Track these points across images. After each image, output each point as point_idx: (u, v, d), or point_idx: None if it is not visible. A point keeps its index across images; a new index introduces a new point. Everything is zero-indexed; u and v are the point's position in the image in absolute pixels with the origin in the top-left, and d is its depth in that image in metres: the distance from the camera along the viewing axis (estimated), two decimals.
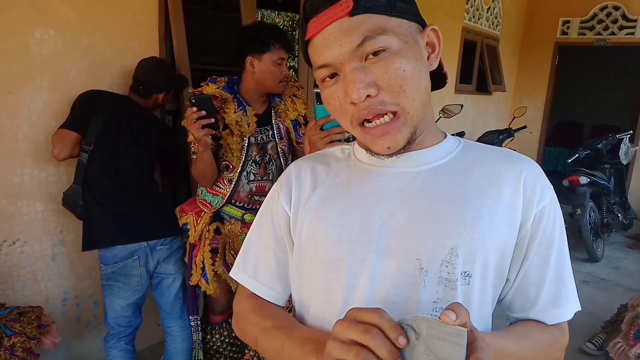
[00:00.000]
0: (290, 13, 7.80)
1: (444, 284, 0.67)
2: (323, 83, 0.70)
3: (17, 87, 1.89)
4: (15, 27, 1.84)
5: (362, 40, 0.63)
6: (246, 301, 0.84)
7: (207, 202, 1.96)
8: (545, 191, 0.72)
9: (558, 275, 0.73)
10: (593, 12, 5.51)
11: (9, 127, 1.89)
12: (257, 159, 1.92)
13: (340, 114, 0.70)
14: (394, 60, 0.64)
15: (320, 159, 0.84)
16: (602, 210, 4.54)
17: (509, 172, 0.72)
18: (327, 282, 0.73)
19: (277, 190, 0.84)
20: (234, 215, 1.97)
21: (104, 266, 1.94)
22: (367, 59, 0.64)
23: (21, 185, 1.97)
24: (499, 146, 3.91)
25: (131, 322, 2.02)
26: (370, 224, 0.71)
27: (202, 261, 1.96)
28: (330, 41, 0.65)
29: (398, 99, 0.65)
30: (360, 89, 0.63)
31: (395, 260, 0.68)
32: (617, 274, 4.04)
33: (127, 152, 1.94)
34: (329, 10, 0.65)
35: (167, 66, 2.14)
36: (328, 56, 0.66)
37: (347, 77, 0.65)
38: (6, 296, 1.98)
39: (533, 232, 0.71)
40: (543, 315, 0.74)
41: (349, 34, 0.64)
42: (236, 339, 2.19)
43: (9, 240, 1.98)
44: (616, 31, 5.43)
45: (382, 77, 0.64)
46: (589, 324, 3.01)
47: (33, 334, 1.72)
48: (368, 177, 0.75)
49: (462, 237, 0.67)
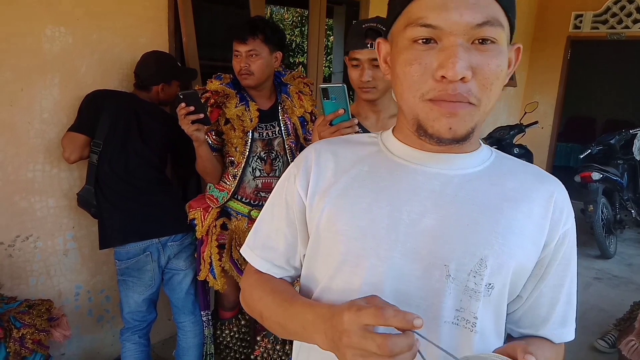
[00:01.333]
0: (299, 9, 7.79)
1: (469, 294, 0.67)
2: (412, 43, 0.63)
3: (28, 84, 1.90)
4: (26, 24, 1.86)
5: (484, 22, 0.59)
6: (251, 277, 0.83)
7: (214, 197, 1.97)
8: (569, 215, 0.73)
9: (568, 296, 0.75)
10: (606, 5, 5.42)
11: (21, 124, 1.91)
12: (263, 155, 1.91)
13: (414, 84, 0.63)
14: (498, 56, 0.62)
15: (344, 145, 0.80)
16: (615, 206, 4.48)
17: (541, 191, 0.72)
18: (345, 275, 0.71)
19: (294, 173, 0.79)
20: (241, 211, 1.97)
21: (118, 262, 1.96)
22: (474, 42, 0.61)
23: (33, 181, 1.99)
24: (510, 142, 3.89)
25: (145, 317, 2.05)
26: (398, 223, 0.68)
27: (210, 256, 1.97)
28: (451, 7, 0.59)
29: (482, 94, 0.62)
30: (460, 68, 0.59)
31: (421, 263, 0.67)
32: (630, 270, 3.99)
33: (135, 150, 1.95)
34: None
35: (163, 57, 2.12)
36: (440, 19, 0.59)
37: (451, 50, 0.60)
38: (20, 290, 2.01)
39: (554, 254, 0.72)
40: (551, 334, 0.76)
41: (474, 8, 0.59)
42: (246, 334, 2.21)
43: (22, 235, 2.00)
44: (630, 25, 5.33)
45: (481, 67, 0.61)
46: (600, 321, 2.98)
47: (43, 327, 1.74)
48: (401, 173, 0.72)
49: (493, 248, 0.66)
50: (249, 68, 1.80)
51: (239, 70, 1.82)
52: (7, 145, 1.90)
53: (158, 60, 2.07)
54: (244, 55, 1.80)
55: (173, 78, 2.10)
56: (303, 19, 8.15)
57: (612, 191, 4.43)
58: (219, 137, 1.88)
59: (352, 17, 4.80)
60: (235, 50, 1.82)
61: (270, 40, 1.81)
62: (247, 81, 1.83)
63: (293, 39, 8.38)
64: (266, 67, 1.83)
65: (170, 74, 2.09)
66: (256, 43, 1.79)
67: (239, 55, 1.81)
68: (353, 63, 1.47)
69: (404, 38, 0.64)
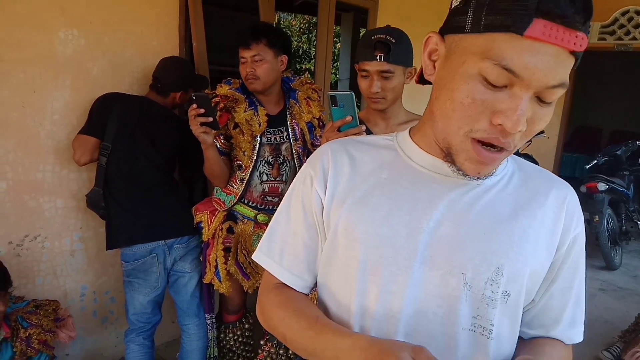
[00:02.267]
0: (307, 16, 7.83)
1: (485, 302, 0.67)
2: (482, 79, 0.59)
3: (41, 86, 1.93)
4: (40, 27, 1.88)
5: (559, 84, 0.58)
6: (271, 293, 0.79)
7: (221, 200, 1.98)
8: (580, 219, 0.75)
9: (577, 298, 0.77)
10: (614, 16, 5.42)
11: (32, 125, 1.94)
12: (270, 159, 1.93)
13: (465, 117, 0.61)
14: (550, 113, 0.62)
15: (357, 146, 0.79)
16: (621, 217, 4.47)
17: (554, 197, 0.73)
18: (362, 283, 0.71)
19: (311, 175, 0.77)
20: (247, 214, 1.98)
21: (124, 263, 1.98)
22: (542, 97, 0.59)
23: (43, 181, 2.01)
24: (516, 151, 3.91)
25: (150, 318, 2.06)
26: (418, 231, 0.68)
27: (215, 259, 1.98)
28: (540, 61, 0.55)
29: (521, 142, 0.63)
30: (520, 123, 0.58)
31: (439, 271, 0.67)
32: (635, 282, 3.97)
33: (143, 152, 1.97)
34: (564, 31, 0.55)
35: (186, 66, 2.17)
36: (528, 70, 0.56)
37: (519, 103, 0.57)
38: (27, 290, 2.02)
39: (565, 257, 0.74)
40: (562, 336, 0.77)
41: (558, 70, 0.57)
42: (249, 338, 2.21)
43: (31, 235, 2.02)
44: (638, 36, 5.33)
45: (532, 122, 0.61)
46: (605, 333, 2.96)
47: (49, 327, 1.76)
48: (421, 181, 0.72)
49: (509, 257, 0.67)
50: (255, 73, 1.82)
51: (245, 75, 1.84)
52: (18, 145, 1.92)
53: (182, 68, 2.11)
54: (249, 61, 1.82)
55: (191, 86, 2.14)
56: (311, 25, 8.20)
57: (618, 202, 4.42)
58: (227, 141, 1.89)
59: (359, 24, 4.84)
60: (241, 56, 1.85)
61: (274, 44, 1.83)
62: (253, 85, 1.85)
63: (301, 45, 8.42)
64: (272, 71, 1.85)
65: (190, 82, 2.13)
66: (260, 47, 1.81)
67: (245, 61, 1.84)
68: (362, 74, 1.49)
69: (475, 66, 0.59)
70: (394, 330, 0.69)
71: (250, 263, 2.00)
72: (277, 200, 1.98)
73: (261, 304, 0.81)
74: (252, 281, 2.02)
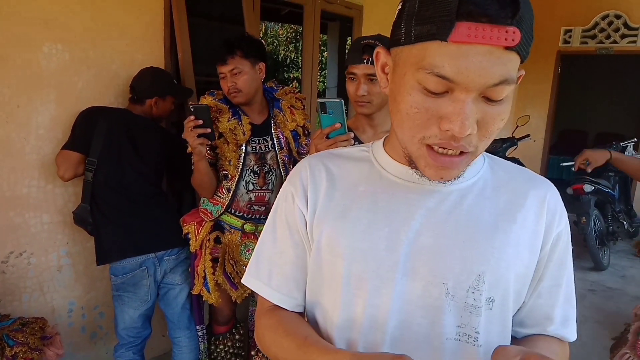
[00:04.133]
0: (293, 25, 7.88)
1: (469, 310, 0.68)
2: (422, 88, 0.59)
3: (25, 100, 1.92)
4: (24, 41, 1.87)
5: (501, 81, 0.56)
6: (264, 316, 0.79)
7: (208, 211, 1.98)
8: (562, 216, 0.74)
9: (567, 296, 0.76)
10: (595, 21, 5.53)
11: (17, 140, 1.92)
12: (256, 168, 1.93)
13: (416, 126, 0.61)
14: (504, 109, 0.60)
15: (334, 160, 0.79)
16: (607, 218, 4.52)
17: (534, 196, 0.73)
18: (348, 297, 0.71)
19: (291, 192, 0.77)
20: (234, 224, 1.98)
21: (114, 277, 1.96)
22: (484, 96, 0.58)
23: (28, 196, 1.99)
24: (503, 155, 3.92)
25: (140, 333, 2.03)
26: (398, 243, 0.69)
27: (204, 270, 1.97)
28: (472, 63, 0.55)
29: (481, 142, 0.62)
30: (467, 126, 0.57)
31: (421, 282, 0.68)
32: (623, 282, 4.01)
33: (131, 165, 1.96)
34: (492, 28, 0.53)
35: (160, 72, 2.15)
36: (460, 75, 0.55)
37: (461, 106, 0.57)
38: (13, 307, 1.99)
39: (550, 255, 0.73)
40: (555, 335, 0.76)
41: (494, 68, 0.55)
42: (240, 349, 2.19)
43: (16, 251, 1.99)
44: (618, 40, 5.44)
45: (486, 121, 0.60)
46: (595, 333, 2.98)
47: (35, 345, 1.72)
48: (396, 192, 0.72)
49: (490, 264, 0.67)
50: (235, 86, 1.83)
51: (227, 90, 1.86)
52: (3, 160, 1.90)
53: (154, 74, 2.10)
54: (228, 76, 1.83)
55: (168, 93, 2.12)
56: (297, 34, 8.24)
57: (604, 203, 4.48)
58: (212, 151, 1.89)
59: (345, 33, 4.88)
60: (220, 72, 1.86)
61: (249, 54, 1.84)
62: (237, 99, 1.87)
63: (288, 54, 8.46)
64: (252, 81, 1.86)
65: (165, 89, 2.11)
66: (236, 60, 1.82)
67: (224, 76, 1.85)
68: (350, 77, 1.51)
69: (413, 77, 0.59)
70: (381, 342, 0.69)
71: (239, 273, 1.99)
72: (264, 209, 1.98)
73: (257, 328, 0.81)
74: (241, 291, 2.00)
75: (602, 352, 2.71)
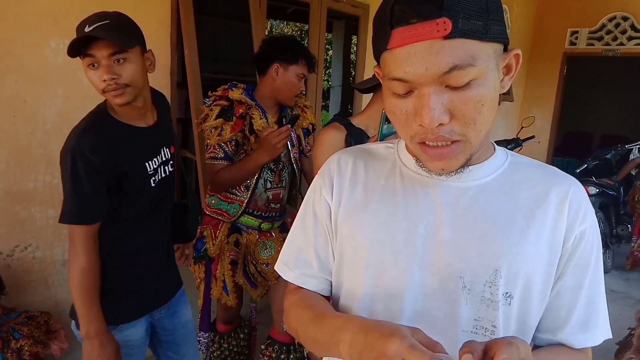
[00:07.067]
0: (299, 23, 7.88)
1: (485, 304, 0.68)
2: (393, 93, 0.65)
3: (32, 95, 1.93)
4: (32, 37, 1.88)
5: (451, 68, 0.58)
6: (290, 294, 0.85)
7: (223, 211, 1.93)
8: (587, 214, 0.72)
9: (590, 299, 0.73)
10: (601, 22, 5.51)
11: (24, 134, 1.93)
12: (272, 166, 1.92)
13: (402, 127, 0.67)
14: (476, 92, 0.60)
15: (362, 154, 0.82)
16: (611, 221, 4.51)
17: (555, 193, 0.72)
18: (367, 287, 0.74)
19: (320, 184, 0.82)
20: (251, 224, 1.95)
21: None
22: (448, 84, 0.60)
23: (34, 191, 2.00)
24: None
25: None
26: (415, 236, 0.71)
27: (223, 274, 1.93)
28: (415, 60, 0.58)
29: (467, 129, 0.63)
30: (434, 117, 0.60)
31: (438, 275, 0.69)
32: (627, 285, 4.00)
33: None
34: (422, 26, 0.57)
35: None
36: (409, 74, 0.60)
37: (424, 100, 0.60)
38: (18, 300, 2.00)
39: (571, 254, 0.71)
40: (570, 339, 0.74)
41: (438, 58, 0.57)
42: (245, 347, 2.19)
43: (22, 245, 2.00)
44: (625, 42, 5.42)
45: (458, 107, 0.61)
46: None
47: (40, 338, 1.74)
48: (415, 187, 0.74)
49: (507, 259, 0.68)
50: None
51: (299, 92, 1.90)
52: (10, 155, 1.91)
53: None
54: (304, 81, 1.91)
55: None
56: (303, 33, 8.24)
57: (609, 206, 4.46)
58: (236, 147, 1.84)
59: (351, 32, 4.87)
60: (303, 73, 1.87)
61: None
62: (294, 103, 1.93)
63: None
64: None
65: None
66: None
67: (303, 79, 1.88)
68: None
69: (385, 86, 0.66)
70: None
71: (261, 272, 1.98)
72: (279, 206, 1.98)
73: (285, 309, 0.86)
74: (260, 289, 2.00)
75: (606, 355, 2.70)
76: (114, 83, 1.24)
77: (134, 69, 1.27)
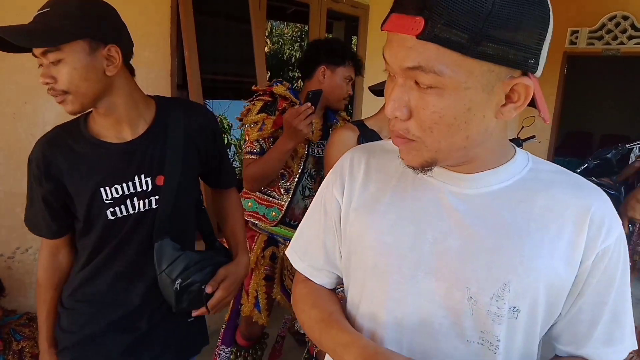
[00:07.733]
0: (298, 24, 7.88)
1: (491, 317, 0.66)
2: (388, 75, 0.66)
3: (32, 97, 1.93)
4: None
5: (415, 66, 0.58)
6: (299, 285, 0.88)
7: (260, 214, 1.82)
8: (612, 230, 0.67)
9: (615, 314, 0.70)
10: (602, 22, 5.51)
11: (24, 136, 1.93)
12: (313, 173, 1.85)
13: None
14: (438, 101, 0.58)
15: (377, 153, 0.80)
16: None
17: (575, 206, 0.67)
18: (372, 289, 0.74)
19: (332, 180, 0.83)
20: (288, 236, 1.85)
21: None
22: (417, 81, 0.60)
23: None
24: None
25: None
26: (422, 242, 0.69)
27: (256, 290, 1.84)
28: (391, 47, 0.61)
29: (422, 133, 0.62)
30: (390, 109, 0.62)
31: (444, 283, 0.67)
32: (632, 286, 3.99)
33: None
34: (403, 18, 0.58)
35: None
36: (386, 57, 0.62)
37: (394, 88, 0.62)
38: (18, 302, 2.00)
39: (592, 271, 0.67)
40: (593, 354, 0.71)
41: (408, 53, 0.58)
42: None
43: (22, 247, 2.00)
44: (625, 41, 5.41)
45: (418, 109, 0.60)
46: None
47: None
48: (426, 190, 0.72)
49: (517, 273, 0.64)
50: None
51: (347, 95, 1.86)
52: (11, 157, 1.91)
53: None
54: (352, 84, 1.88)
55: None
56: (303, 34, 8.24)
57: None
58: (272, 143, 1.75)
59: (351, 32, 4.87)
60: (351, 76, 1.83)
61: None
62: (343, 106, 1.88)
63: (293, 53, 8.46)
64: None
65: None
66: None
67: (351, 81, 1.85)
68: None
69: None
70: (400, 337, 0.71)
71: None
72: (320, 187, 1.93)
73: (293, 294, 0.90)
74: None
75: None
76: (51, 89, 1.02)
77: (69, 71, 1.00)
